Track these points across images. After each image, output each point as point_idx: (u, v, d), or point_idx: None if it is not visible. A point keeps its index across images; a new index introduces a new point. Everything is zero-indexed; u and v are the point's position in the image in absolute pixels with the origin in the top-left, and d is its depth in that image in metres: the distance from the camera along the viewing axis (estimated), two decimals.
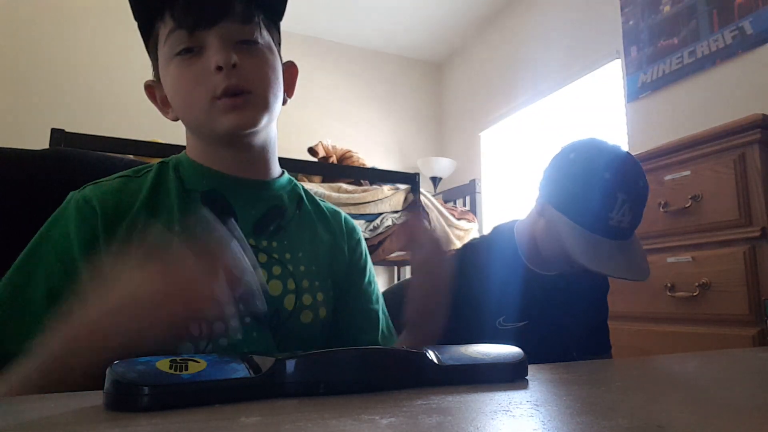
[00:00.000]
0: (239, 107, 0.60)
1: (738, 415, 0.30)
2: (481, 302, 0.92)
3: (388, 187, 2.49)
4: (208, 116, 0.60)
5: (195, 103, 0.60)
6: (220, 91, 0.58)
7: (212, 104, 0.59)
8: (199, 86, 0.59)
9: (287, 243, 0.67)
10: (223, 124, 0.60)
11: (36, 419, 0.28)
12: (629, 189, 0.85)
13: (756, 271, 1.30)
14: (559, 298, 0.97)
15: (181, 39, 0.59)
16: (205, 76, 0.59)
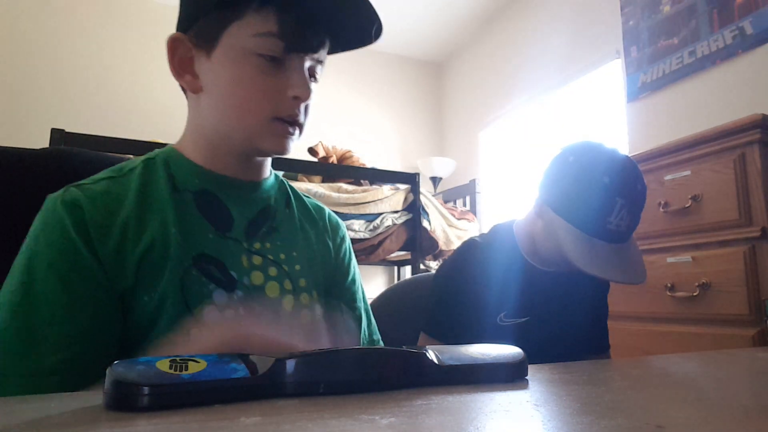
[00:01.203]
0: (288, 134, 0.62)
1: (738, 415, 0.30)
2: (481, 298, 0.93)
3: (388, 187, 2.49)
4: (258, 130, 0.60)
5: (254, 112, 0.60)
6: (284, 116, 0.60)
7: (270, 123, 0.60)
8: (269, 102, 0.60)
9: (280, 243, 0.67)
10: (268, 144, 0.61)
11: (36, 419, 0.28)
12: (628, 193, 0.85)
13: (756, 271, 1.30)
14: (560, 295, 0.97)
15: (276, 48, 0.59)
16: (278, 95, 0.60)
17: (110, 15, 3.25)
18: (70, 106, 3.04)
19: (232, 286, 0.59)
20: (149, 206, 0.59)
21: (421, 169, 3.81)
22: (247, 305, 0.60)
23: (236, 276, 0.60)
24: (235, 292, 0.59)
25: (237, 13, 0.58)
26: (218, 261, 0.60)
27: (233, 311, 0.58)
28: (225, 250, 0.61)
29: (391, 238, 2.44)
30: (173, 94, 3.28)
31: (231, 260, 0.61)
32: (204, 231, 0.60)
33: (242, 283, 0.60)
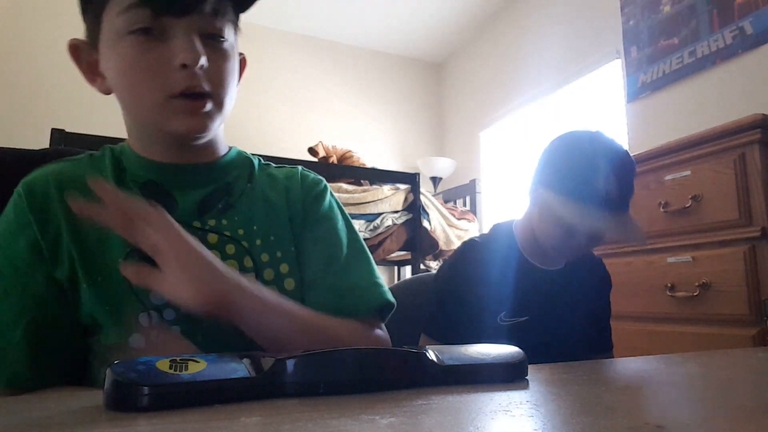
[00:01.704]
0: (196, 111, 0.55)
1: (738, 415, 0.30)
2: (482, 298, 0.93)
3: (388, 187, 2.49)
4: (159, 114, 0.55)
5: (146, 95, 0.54)
6: (179, 90, 0.54)
7: (167, 102, 0.54)
8: (156, 79, 0.53)
9: (238, 219, 0.63)
10: (176, 126, 0.55)
11: (36, 419, 0.28)
12: (611, 157, 0.89)
13: (756, 271, 1.30)
14: (560, 294, 0.97)
15: (143, 18, 0.52)
16: (163, 69, 0.53)
17: None
18: (70, 106, 3.04)
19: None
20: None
21: (421, 169, 3.81)
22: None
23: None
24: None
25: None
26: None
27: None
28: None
29: (391, 238, 2.44)
30: None
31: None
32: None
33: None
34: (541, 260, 0.98)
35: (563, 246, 0.92)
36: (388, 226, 2.41)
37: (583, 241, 0.90)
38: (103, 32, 0.56)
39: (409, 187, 2.52)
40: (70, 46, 0.60)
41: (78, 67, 0.60)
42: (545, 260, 0.98)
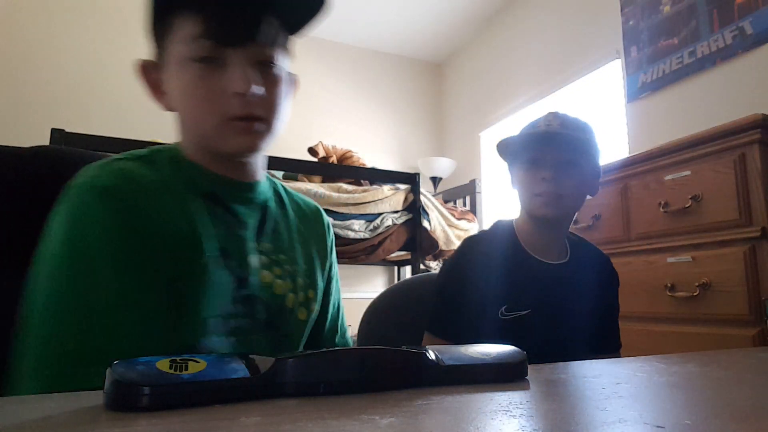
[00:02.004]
0: (249, 131, 0.60)
1: (738, 415, 0.30)
2: (483, 292, 0.93)
3: (388, 187, 2.49)
4: (217, 134, 0.60)
5: (206, 118, 0.59)
6: (233, 116, 0.58)
7: (224, 124, 0.59)
8: (214, 104, 0.58)
9: (280, 244, 0.69)
10: (231, 145, 0.60)
11: (36, 419, 0.28)
12: (553, 113, 0.97)
13: (756, 271, 1.30)
14: (564, 287, 0.96)
15: (205, 48, 0.57)
16: (221, 95, 0.58)
17: (111, 15, 3.25)
18: (70, 106, 3.04)
19: (244, 283, 0.62)
20: (165, 200, 0.58)
21: (421, 169, 3.81)
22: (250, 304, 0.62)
23: (247, 274, 0.62)
24: (245, 288, 0.62)
25: (168, 24, 0.59)
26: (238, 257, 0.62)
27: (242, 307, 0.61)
28: (239, 248, 0.63)
29: (391, 238, 2.44)
30: None
31: (243, 258, 0.63)
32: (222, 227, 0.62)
33: (250, 282, 0.63)
34: (542, 253, 0.98)
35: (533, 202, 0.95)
36: (388, 226, 2.41)
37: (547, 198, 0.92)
38: (168, 57, 0.60)
39: (409, 187, 2.52)
40: (137, 66, 0.64)
41: (143, 84, 0.65)
42: (547, 253, 0.98)
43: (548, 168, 0.92)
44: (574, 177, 0.94)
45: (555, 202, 0.92)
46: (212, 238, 0.60)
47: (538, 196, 0.93)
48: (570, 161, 0.93)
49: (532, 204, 0.94)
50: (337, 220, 2.27)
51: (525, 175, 0.96)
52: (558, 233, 1.00)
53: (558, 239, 1.00)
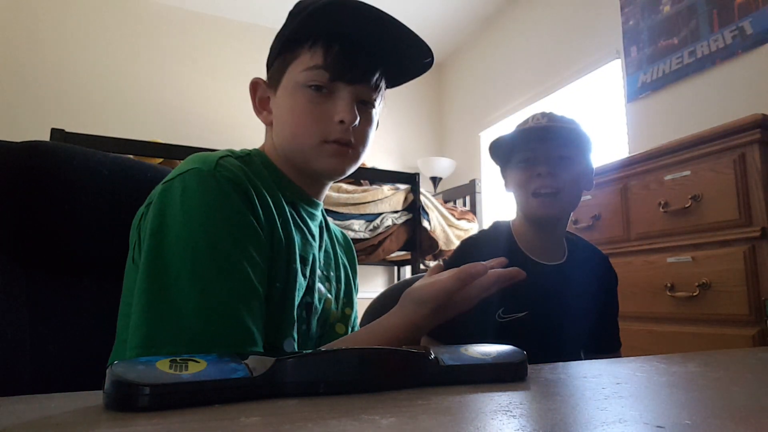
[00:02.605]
0: (341, 155, 0.67)
1: (738, 415, 0.30)
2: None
3: (388, 187, 2.49)
4: (313, 153, 0.66)
5: (306, 137, 0.66)
6: (333, 139, 0.65)
7: (321, 145, 0.66)
8: (317, 126, 0.65)
9: (329, 261, 0.76)
10: (324, 165, 0.67)
11: (36, 419, 0.28)
12: (541, 113, 0.97)
13: (756, 271, 1.30)
14: (561, 288, 0.96)
15: (321, 78, 0.65)
16: (325, 120, 0.65)
17: (111, 15, 3.25)
18: (70, 106, 3.04)
19: (310, 291, 0.68)
20: (272, 199, 0.64)
21: (421, 169, 3.81)
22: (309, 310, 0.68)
23: (313, 283, 0.69)
24: (310, 296, 0.68)
25: (294, 54, 0.67)
26: (310, 267, 0.68)
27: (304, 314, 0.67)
28: (310, 258, 0.69)
29: (391, 238, 2.44)
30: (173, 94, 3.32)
31: (313, 269, 0.69)
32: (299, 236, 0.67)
33: (313, 291, 0.69)
34: (540, 255, 0.97)
35: (528, 201, 0.94)
36: (387, 226, 2.41)
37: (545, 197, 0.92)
38: (285, 80, 0.68)
39: (409, 187, 2.52)
40: (252, 83, 0.73)
41: (252, 99, 0.73)
42: (544, 255, 0.98)
43: (544, 164, 0.92)
44: (570, 171, 0.93)
45: (553, 199, 0.92)
46: (297, 245, 0.66)
47: (536, 195, 0.92)
48: (564, 156, 0.93)
49: (530, 204, 0.94)
50: (337, 220, 2.27)
51: (520, 174, 0.95)
52: (555, 233, 0.99)
53: (555, 239, 1.00)
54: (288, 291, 0.62)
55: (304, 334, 0.67)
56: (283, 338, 0.61)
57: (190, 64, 3.44)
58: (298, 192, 0.70)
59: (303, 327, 0.66)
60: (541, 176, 0.91)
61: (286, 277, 0.62)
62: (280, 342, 0.61)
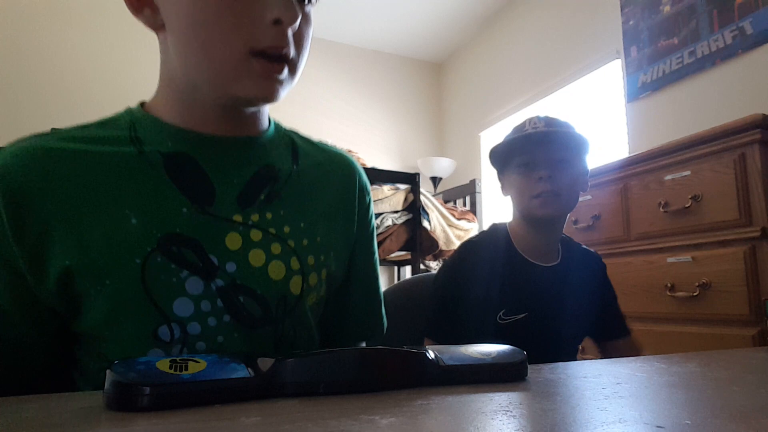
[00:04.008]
0: (272, 75, 0.48)
1: (738, 415, 0.30)
2: (480, 298, 0.94)
3: (388, 187, 2.49)
4: (232, 71, 0.47)
5: (222, 48, 0.46)
6: (263, 47, 0.47)
7: (246, 60, 0.47)
8: (240, 31, 0.46)
9: (284, 212, 0.55)
10: (248, 88, 0.48)
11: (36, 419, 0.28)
12: (536, 116, 0.98)
13: (756, 271, 1.30)
14: (558, 289, 0.97)
15: None
16: (252, 20, 0.46)
17: (111, 15, 3.25)
18: (70, 106, 3.04)
19: (210, 274, 0.50)
20: (99, 171, 0.48)
21: (421, 169, 3.81)
22: (229, 297, 0.50)
23: (216, 261, 0.50)
24: (214, 281, 0.50)
25: None
26: (195, 242, 0.49)
27: (210, 304, 0.49)
28: (204, 228, 0.50)
29: (391, 238, 2.44)
30: None
31: (212, 242, 0.50)
32: (176, 205, 0.49)
33: (224, 271, 0.50)
34: (536, 256, 0.99)
35: (528, 203, 0.95)
36: (388, 226, 2.41)
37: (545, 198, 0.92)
38: None
39: (409, 187, 2.52)
40: None
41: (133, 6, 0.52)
42: (541, 256, 0.99)
43: (543, 168, 0.93)
44: (569, 174, 0.94)
45: (553, 200, 0.93)
46: (158, 219, 0.48)
47: (536, 197, 0.93)
48: (563, 159, 0.94)
49: (531, 206, 0.94)
50: None
51: (520, 178, 0.96)
52: (553, 235, 1.00)
53: (552, 241, 1.01)
54: (117, 294, 0.46)
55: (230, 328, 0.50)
56: (145, 351, 0.47)
57: None
58: (187, 137, 0.52)
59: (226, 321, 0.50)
60: (542, 179, 0.92)
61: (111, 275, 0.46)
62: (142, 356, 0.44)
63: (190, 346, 0.49)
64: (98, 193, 0.48)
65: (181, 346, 0.49)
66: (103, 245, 0.47)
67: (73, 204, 0.47)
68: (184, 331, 0.49)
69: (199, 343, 0.49)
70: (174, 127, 0.52)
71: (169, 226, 0.49)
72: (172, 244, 0.48)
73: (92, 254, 0.46)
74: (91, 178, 0.48)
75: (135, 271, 0.47)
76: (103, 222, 0.47)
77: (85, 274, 0.46)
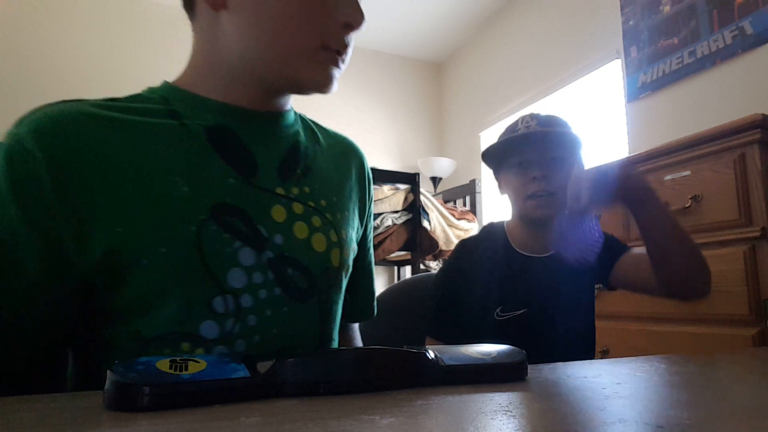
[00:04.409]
0: (334, 69, 0.52)
1: (738, 415, 0.30)
2: (477, 296, 0.94)
3: (388, 187, 2.49)
4: (301, 61, 0.50)
5: (297, 39, 0.49)
6: (334, 47, 0.51)
7: (316, 53, 0.50)
8: (315, 27, 0.49)
9: (318, 187, 0.57)
10: (314, 76, 0.51)
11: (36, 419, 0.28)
12: (529, 115, 0.98)
13: (756, 271, 1.30)
14: (559, 277, 0.96)
15: None
16: (326, 19, 0.50)
17: (111, 15, 3.25)
18: None
19: (261, 245, 0.50)
20: (143, 139, 0.48)
21: (421, 169, 3.81)
22: (279, 269, 0.50)
23: (265, 233, 0.50)
24: (264, 253, 0.50)
25: None
26: (244, 213, 0.49)
27: (262, 276, 0.49)
28: (251, 200, 0.50)
29: (391, 238, 2.44)
30: None
31: (259, 213, 0.51)
32: (223, 175, 0.50)
33: (273, 243, 0.51)
34: (532, 249, 0.98)
35: (523, 201, 0.94)
36: (388, 226, 2.41)
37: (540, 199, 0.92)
38: None
39: (409, 187, 2.52)
40: None
41: None
42: (538, 250, 0.98)
43: (537, 168, 0.93)
44: (564, 173, 0.94)
45: (548, 201, 0.92)
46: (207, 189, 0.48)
47: (531, 198, 0.93)
48: (557, 158, 0.94)
49: (526, 207, 0.94)
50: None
51: (514, 178, 0.96)
52: (550, 230, 0.97)
53: (549, 235, 0.98)
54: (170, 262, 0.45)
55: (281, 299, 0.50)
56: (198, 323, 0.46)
57: None
58: (224, 110, 0.53)
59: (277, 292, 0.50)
60: (536, 180, 0.92)
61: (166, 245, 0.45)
62: (194, 328, 0.46)
63: (243, 319, 0.48)
64: (144, 161, 0.47)
65: (234, 319, 0.48)
66: (156, 212, 0.45)
67: (119, 170, 0.45)
68: (237, 303, 0.48)
69: (251, 316, 0.49)
70: (213, 101, 0.53)
71: (219, 195, 0.48)
72: (224, 213, 0.48)
73: (144, 221, 0.45)
74: (134, 145, 0.47)
75: (191, 238, 0.46)
76: (153, 189, 0.46)
77: (137, 242, 0.44)
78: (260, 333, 0.49)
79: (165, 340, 0.46)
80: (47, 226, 0.43)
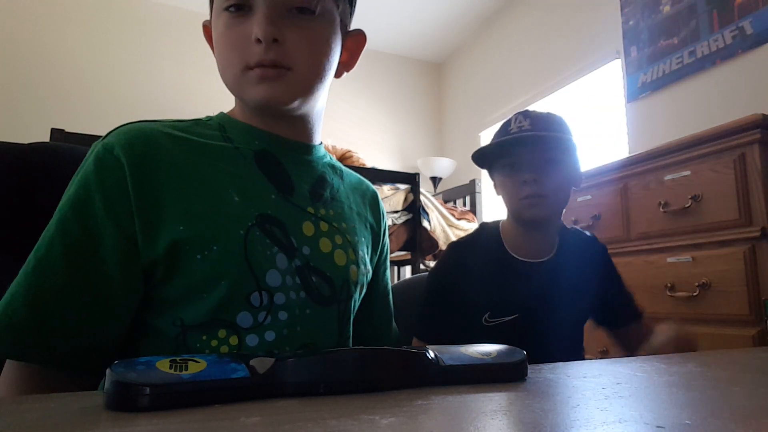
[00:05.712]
0: (270, 79, 0.56)
1: (738, 415, 0.30)
2: (465, 301, 0.91)
3: (388, 187, 2.49)
4: (238, 84, 0.58)
5: (229, 67, 0.58)
6: (253, 63, 0.56)
7: (244, 73, 0.57)
8: (236, 51, 0.57)
9: (340, 212, 0.66)
10: (252, 95, 0.57)
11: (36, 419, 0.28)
12: (523, 113, 0.96)
13: (756, 271, 1.30)
14: (556, 284, 0.93)
15: None
16: (243, 43, 0.56)
17: (110, 15, 3.25)
18: (70, 106, 3.04)
19: (292, 253, 0.58)
20: (205, 158, 0.57)
21: (421, 169, 3.81)
22: (305, 276, 0.58)
23: (296, 243, 0.58)
24: (294, 261, 0.58)
25: None
26: (281, 224, 0.58)
27: (292, 279, 0.57)
28: (288, 214, 0.59)
29: (391, 238, 2.44)
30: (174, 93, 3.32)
31: (293, 226, 0.59)
32: (266, 191, 0.59)
33: (302, 253, 0.58)
34: (527, 254, 0.95)
35: (516, 202, 0.93)
36: (387, 226, 2.41)
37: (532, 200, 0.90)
38: (213, 9, 0.60)
39: (409, 187, 2.52)
40: (203, 26, 0.66)
41: (208, 44, 0.64)
42: (533, 254, 0.95)
43: (528, 170, 0.90)
44: (556, 175, 0.91)
45: (540, 203, 0.90)
46: (254, 201, 0.57)
47: (523, 199, 0.91)
48: (549, 159, 0.91)
49: (520, 207, 0.92)
50: None
51: (506, 180, 0.94)
52: (547, 233, 0.96)
53: (546, 238, 0.97)
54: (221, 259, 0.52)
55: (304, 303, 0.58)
56: (236, 313, 0.53)
57: (191, 64, 3.43)
58: (265, 137, 0.62)
59: (302, 295, 0.57)
60: (526, 183, 0.90)
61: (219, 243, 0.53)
62: (231, 317, 0.53)
63: (274, 314, 0.55)
64: (204, 172, 0.55)
65: (266, 313, 0.55)
66: (213, 215, 0.54)
67: (184, 178, 0.54)
68: (271, 299, 0.55)
69: (281, 312, 0.56)
70: (257, 129, 0.62)
71: (263, 207, 0.57)
72: (266, 222, 0.56)
73: (202, 223, 0.53)
74: (196, 159, 0.56)
75: (239, 240, 0.54)
76: (211, 196, 0.54)
77: (195, 240, 0.52)
78: (288, 327, 0.56)
79: (204, 327, 0.53)
80: (127, 224, 0.51)
